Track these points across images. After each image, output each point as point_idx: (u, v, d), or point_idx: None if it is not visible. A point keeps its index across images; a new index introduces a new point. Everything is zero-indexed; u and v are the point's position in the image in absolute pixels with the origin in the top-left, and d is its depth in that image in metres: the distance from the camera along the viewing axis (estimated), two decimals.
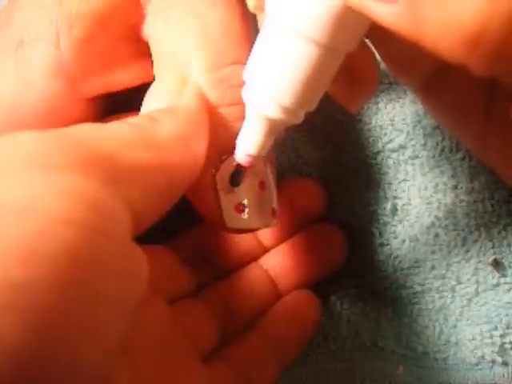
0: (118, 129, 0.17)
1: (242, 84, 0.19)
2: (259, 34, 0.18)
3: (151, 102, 0.20)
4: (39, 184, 0.13)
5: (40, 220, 0.12)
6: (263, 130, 0.19)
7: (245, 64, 0.19)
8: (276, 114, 0.18)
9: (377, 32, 0.16)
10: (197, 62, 0.20)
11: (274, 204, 0.22)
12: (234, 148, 0.20)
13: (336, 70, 0.18)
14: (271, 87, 0.18)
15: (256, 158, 0.20)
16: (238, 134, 0.20)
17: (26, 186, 0.13)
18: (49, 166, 0.14)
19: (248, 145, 0.19)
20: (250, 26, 0.20)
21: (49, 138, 0.15)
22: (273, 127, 0.19)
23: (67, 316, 0.12)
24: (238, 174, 0.20)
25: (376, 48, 0.20)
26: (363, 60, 0.19)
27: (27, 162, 0.14)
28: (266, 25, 0.18)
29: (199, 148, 0.19)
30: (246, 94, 0.19)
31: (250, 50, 0.18)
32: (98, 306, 0.13)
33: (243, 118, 0.19)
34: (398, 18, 0.14)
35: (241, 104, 0.19)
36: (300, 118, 0.19)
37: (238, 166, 0.20)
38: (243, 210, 0.20)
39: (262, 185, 0.21)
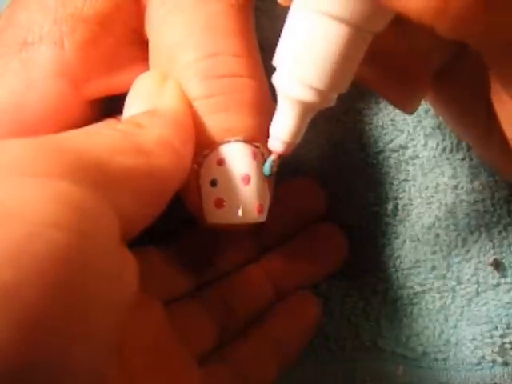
0: (106, 135, 0.17)
1: (224, 75, 0.19)
2: (287, 20, 0.18)
3: (133, 102, 0.20)
4: (26, 189, 0.13)
5: (27, 223, 0.12)
6: (296, 115, 0.18)
7: (234, 56, 0.18)
8: (308, 96, 0.18)
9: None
10: (179, 53, 0.20)
11: (263, 200, 0.21)
12: (216, 142, 0.20)
13: (364, 50, 0.18)
14: (302, 70, 0.17)
15: (290, 145, 0.19)
16: (219, 126, 0.19)
17: (13, 191, 0.13)
18: (36, 173, 0.14)
19: (281, 131, 0.19)
20: (245, 19, 0.20)
21: (36, 144, 0.15)
22: (306, 111, 0.18)
23: (55, 317, 0.12)
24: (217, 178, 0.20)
25: None
26: (410, 59, 0.20)
27: (14, 168, 0.14)
28: (292, 9, 0.17)
29: (185, 150, 0.19)
30: (277, 80, 0.18)
31: (244, 43, 0.18)
32: (85, 306, 0.13)
33: (224, 109, 0.19)
34: None
35: (222, 95, 0.19)
36: (332, 100, 0.18)
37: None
38: (223, 205, 0.20)
39: (246, 179, 0.20)
